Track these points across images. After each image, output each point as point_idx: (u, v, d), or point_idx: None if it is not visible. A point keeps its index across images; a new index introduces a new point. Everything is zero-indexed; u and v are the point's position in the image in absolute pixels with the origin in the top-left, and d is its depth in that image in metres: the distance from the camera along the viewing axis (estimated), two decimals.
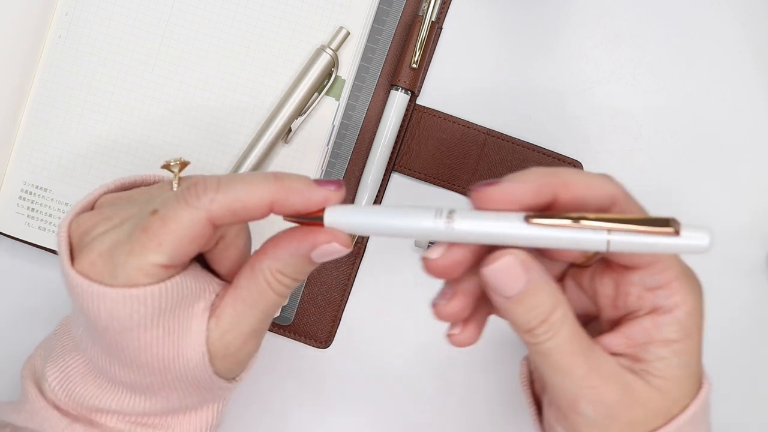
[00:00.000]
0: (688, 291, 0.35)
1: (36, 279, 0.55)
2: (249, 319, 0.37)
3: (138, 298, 0.34)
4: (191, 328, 0.36)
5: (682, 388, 0.35)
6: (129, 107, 0.52)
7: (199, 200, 0.34)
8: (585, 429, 0.35)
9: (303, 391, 0.54)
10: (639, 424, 0.35)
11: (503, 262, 0.32)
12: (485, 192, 0.33)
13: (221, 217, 0.34)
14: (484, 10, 0.55)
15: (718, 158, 0.54)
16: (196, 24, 0.52)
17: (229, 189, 0.34)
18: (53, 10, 0.53)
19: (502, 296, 0.33)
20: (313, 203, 0.34)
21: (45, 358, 0.41)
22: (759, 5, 0.54)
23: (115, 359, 0.37)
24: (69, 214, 0.37)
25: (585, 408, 0.34)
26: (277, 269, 0.36)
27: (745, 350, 0.54)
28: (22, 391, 0.41)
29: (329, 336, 0.54)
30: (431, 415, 0.54)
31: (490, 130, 0.54)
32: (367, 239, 0.54)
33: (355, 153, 0.54)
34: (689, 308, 0.35)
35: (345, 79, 0.52)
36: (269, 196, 0.34)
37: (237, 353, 0.37)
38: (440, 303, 0.36)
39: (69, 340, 0.40)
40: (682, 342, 0.35)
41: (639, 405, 0.34)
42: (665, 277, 0.35)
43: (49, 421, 0.39)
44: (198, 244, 0.35)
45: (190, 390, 0.38)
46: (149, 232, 0.34)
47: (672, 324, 0.35)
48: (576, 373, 0.34)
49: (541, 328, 0.33)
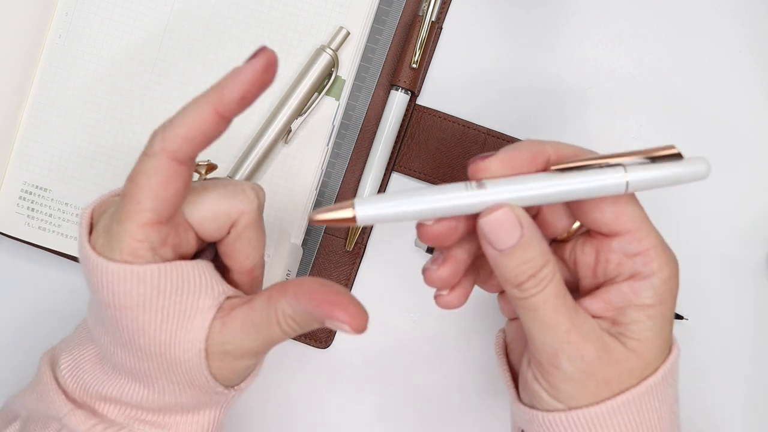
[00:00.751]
0: (664, 259, 0.37)
1: (36, 279, 0.55)
2: (251, 341, 0.37)
3: (136, 274, 0.35)
4: (193, 322, 0.36)
5: (653, 351, 0.37)
6: (129, 107, 0.52)
7: (152, 146, 0.35)
8: (562, 384, 0.36)
9: (303, 392, 0.54)
10: (613, 383, 0.36)
11: (501, 212, 0.34)
12: (483, 163, 0.35)
13: (179, 149, 0.35)
14: (484, 10, 0.55)
15: (718, 158, 0.54)
16: (196, 24, 0.52)
17: (174, 121, 0.35)
18: (53, 10, 0.53)
19: (496, 248, 0.35)
20: (248, 81, 0.35)
21: (63, 348, 0.42)
22: (759, 5, 0.55)
23: (116, 340, 0.37)
24: (98, 198, 0.39)
25: (564, 363, 0.36)
26: (289, 315, 0.37)
27: (745, 350, 0.54)
28: (37, 373, 0.42)
29: (329, 336, 0.54)
30: (431, 414, 0.54)
31: (490, 130, 0.54)
32: (368, 240, 0.54)
33: (355, 153, 0.54)
34: (665, 276, 0.36)
35: (345, 79, 0.52)
36: (209, 105, 0.35)
37: (233, 363, 0.38)
38: (431, 268, 0.38)
39: (86, 332, 0.41)
40: (656, 307, 0.36)
41: (614, 364, 0.36)
42: (643, 244, 0.36)
43: (54, 404, 0.40)
44: (174, 186, 0.35)
45: (185, 386, 0.38)
46: (127, 196, 0.35)
47: (648, 289, 0.36)
48: (559, 328, 0.35)
49: (530, 282, 0.35)
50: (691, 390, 0.53)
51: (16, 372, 0.54)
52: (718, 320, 0.54)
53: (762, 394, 0.54)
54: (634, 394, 0.36)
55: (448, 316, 0.54)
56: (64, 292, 0.55)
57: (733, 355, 0.54)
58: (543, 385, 0.37)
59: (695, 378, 0.53)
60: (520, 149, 0.35)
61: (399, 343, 0.54)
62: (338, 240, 0.54)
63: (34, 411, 0.41)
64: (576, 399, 0.36)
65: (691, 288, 0.54)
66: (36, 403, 0.41)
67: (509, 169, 0.35)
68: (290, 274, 0.52)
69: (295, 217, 0.52)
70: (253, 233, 0.39)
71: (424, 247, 0.53)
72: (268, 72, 0.35)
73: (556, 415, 0.37)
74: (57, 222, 0.52)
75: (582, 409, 0.36)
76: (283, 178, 0.52)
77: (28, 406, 0.41)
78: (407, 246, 0.54)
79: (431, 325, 0.54)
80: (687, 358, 0.54)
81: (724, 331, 0.54)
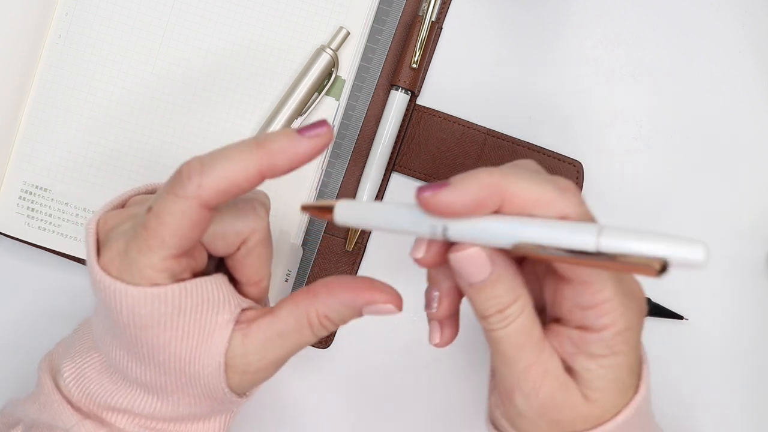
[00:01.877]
0: (621, 312, 0.34)
1: (36, 279, 0.55)
2: (278, 350, 0.38)
3: (159, 296, 0.35)
4: (213, 337, 0.37)
5: (610, 399, 0.35)
6: (129, 107, 0.52)
7: (185, 189, 0.34)
8: (515, 419, 0.36)
9: (303, 391, 0.54)
10: (565, 424, 0.36)
11: (472, 251, 0.33)
12: (425, 199, 0.33)
13: (213, 200, 0.35)
14: (484, 10, 0.55)
15: (718, 158, 0.54)
16: (196, 24, 0.52)
17: (213, 170, 0.34)
18: (53, 10, 0.53)
19: (466, 282, 0.34)
20: (301, 156, 0.35)
21: (63, 354, 0.41)
22: (759, 5, 0.54)
23: (133, 355, 0.37)
24: (98, 211, 0.38)
25: (519, 399, 0.35)
26: (324, 314, 0.37)
27: (745, 350, 0.54)
28: (38, 383, 0.42)
29: (329, 336, 0.54)
30: (431, 414, 0.54)
31: (490, 130, 0.54)
32: (368, 239, 0.54)
33: (355, 153, 0.54)
34: (618, 329, 0.34)
35: (345, 79, 0.52)
36: (256, 165, 0.35)
37: (255, 374, 0.38)
38: (433, 308, 0.38)
39: (88, 339, 0.41)
40: (608, 357, 0.35)
41: (569, 407, 0.35)
42: (597, 298, 0.34)
43: (60, 415, 0.39)
44: (199, 229, 0.35)
45: (201, 398, 0.38)
46: (149, 231, 0.35)
47: (597, 342, 0.34)
48: (518, 364, 0.35)
49: (496, 317, 0.34)
50: (691, 390, 0.53)
51: (16, 372, 0.54)
52: (718, 320, 0.54)
53: (762, 394, 0.54)
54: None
55: None
56: (64, 292, 0.55)
57: (733, 355, 0.54)
58: (502, 412, 0.37)
59: (695, 378, 0.53)
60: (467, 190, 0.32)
61: (399, 344, 0.54)
62: (338, 240, 0.54)
63: (37, 421, 0.40)
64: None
65: (691, 288, 0.54)
66: (39, 413, 0.40)
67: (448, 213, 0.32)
68: (290, 274, 0.52)
69: (295, 217, 0.52)
70: (262, 249, 0.39)
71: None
72: (320, 152, 0.36)
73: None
74: (57, 222, 0.52)
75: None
76: (283, 178, 0.52)
77: (30, 416, 0.41)
78: (407, 246, 0.54)
79: None
80: (687, 358, 0.54)
81: (724, 331, 0.54)
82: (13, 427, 0.41)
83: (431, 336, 0.39)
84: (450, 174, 0.53)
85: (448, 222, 0.33)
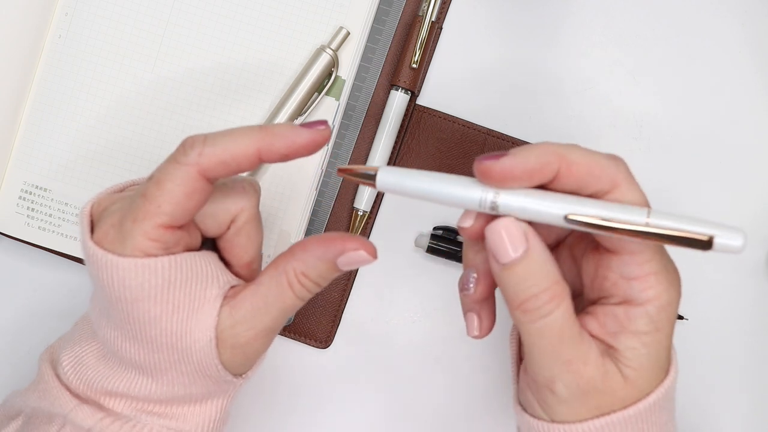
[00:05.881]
0: (664, 286, 0.35)
1: (36, 279, 0.55)
2: (264, 317, 0.38)
3: (149, 267, 0.36)
4: (202, 311, 0.37)
5: (647, 379, 0.36)
6: (129, 107, 0.52)
7: (187, 156, 0.36)
8: (554, 406, 0.36)
9: (303, 391, 0.54)
10: (604, 407, 0.36)
11: (506, 221, 0.33)
12: (485, 166, 0.33)
13: (212, 169, 0.36)
14: (484, 10, 0.55)
15: (718, 158, 0.54)
16: (196, 24, 0.52)
17: (216, 141, 0.36)
18: (53, 10, 0.53)
19: (498, 262, 0.34)
20: (298, 145, 0.37)
21: (62, 345, 0.42)
22: (759, 5, 0.55)
23: (126, 333, 0.37)
24: (95, 195, 0.39)
25: (559, 388, 0.35)
26: (301, 271, 0.37)
27: (745, 350, 0.54)
28: (38, 372, 0.42)
29: (329, 336, 0.54)
30: (431, 413, 0.54)
31: (490, 130, 0.54)
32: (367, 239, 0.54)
33: (355, 153, 0.54)
34: (661, 303, 0.35)
35: (345, 79, 0.52)
36: (255, 143, 0.36)
37: (245, 347, 0.38)
38: (470, 289, 0.37)
39: (87, 329, 0.41)
40: (652, 335, 0.35)
41: (609, 391, 0.35)
42: (643, 269, 0.35)
43: (59, 400, 0.40)
44: (196, 199, 0.36)
45: (195, 376, 0.38)
46: (147, 197, 0.36)
47: (642, 317, 0.35)
48: (559, 357, 0.34)
49: (532, 302, 0.34)
50: (691, 390, 0.53)
51: (16, 371, 0.54)
52: (718, 320, 0.54)
53: (762, 394, 0.54)
54: (620, 416, 0.35)
55: (447, 316, 0.54)
56: (64, 291, 0.55)
57: (733, 355, 0.54)
58: (538, 399, 0.37)
59: (695, 378, 0.53)
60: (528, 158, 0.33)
61: (399, 343, 0.54)
62: None
63: (37, 409, 0.41)
64: (561, 417, 0.36)
65: (691, 288, 0.54)
66: (38, 401, 0.41)
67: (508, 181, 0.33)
68: None
69: (295, 218, 0.52)
70: (252, 228, 0.40)
71: (424, 247, 0.53)
72: (317, 148, 0.37)
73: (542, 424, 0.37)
74: (57, 222, 0.52)
75: (566, 424, 0.36)
76: (283, 178, 0.52)
77: (31, 405, 0.41)
78: (407, 246, 0.54)
79: (431, 325, 0.54)
80: (687, 358, 0.54)
81: (724, 331, 0.54)
82: (14, 419, 0.42)
83: (469, 328, 0.38)
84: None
85: (498, 193, 0.33)
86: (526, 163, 0.33)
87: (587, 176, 0.34)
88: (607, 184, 0.34)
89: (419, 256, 0.54)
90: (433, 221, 0.54)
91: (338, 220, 0.54)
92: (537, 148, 0.33)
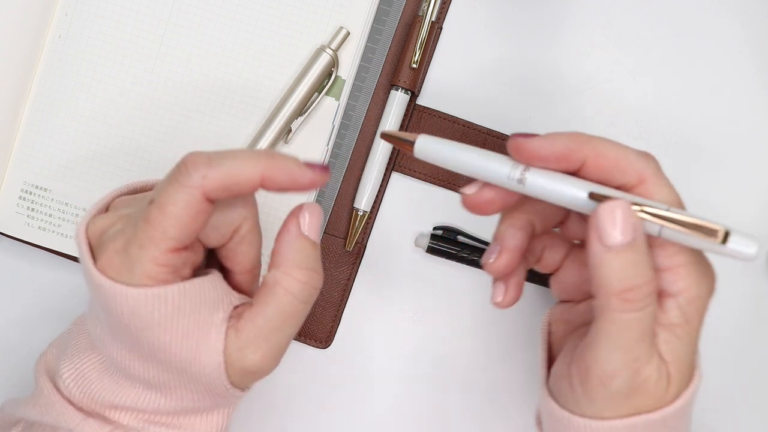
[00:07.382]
0: (695, 278, 0.35)
1: (36, 279, 0.55)
2: (269, 335, 0.38)
3: (159, 297, 0.35)
4: (210, 336, 0.37)
5: (680, 374, 0.36)
6: (129, 107, 0.52)
7: (190, 179, 0.35)
8: (600, 399, 0.35)
9: (303, 391, 0.54)
10: (642, 406, 0.35)
11: (623, 203, 0.33)
12: (518, 142, 0.35)
13: (215, 192, 0.36)
14: (484, 10, 0.55)
15: (718, 158, 0.54)
16: (196, 24, 0.52)
17: (221, 165, 0.35)
18: (53, 10, 0.53)
19: (604, 243, 0.33)
20: (299, 183, 0.37)
21: (58, 356, 0.41)
22: (759, 5, 0.55)
23: (135, 354, 0.37)
24: (85, 218, 0.38)
25: (618, 384, 0.34)
26: (284, 270, 0.37)
27: (745, 350, 0.54)
28: (36, 386, 0.42)
29: (329, 336, 0.54)
30: (431, 414, 0.54)
31: (490, 130, 0.54)
32: (367, 240, 0.54)
33: (355, 153, 0.54)
34: (692, 295, 0.35)
35: (345, 79, 0.52)
36: (260, 172, 0.36)
37: (253, 368, 0.38)
38: (490, 259, 0.38)
39: (84, 338, 0.41)
40: (683, 327, 0.35)
41: (652, 392, 0.35)
42: (674, 261, 0.35)
43: (63, 415, 0.40)
44: (201, 221, 0.36)
45: (204, 394, 0.39)
46: (151, 222, 0.35)
47: (674, 308, 0.35)
48: (632, 354, 0.34)
49: (633, 293, 0.33)
50: None
51: (15, 372, 0.54)
52: (718, 320, 0.54)
53: (762, 394, 0.54)
54: (644, 419, 0.35)
55: (447, 316, 0.54)
56: (64, 291, 0.55)
57: (732, 355, 0.54)
58: (577, 391, 0.36)
59: None
60: (556, 143, 0.35)
61: (399, 343, 0.54)
62: (338, 240, 0.54)
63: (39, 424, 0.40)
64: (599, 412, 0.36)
65: None
66: (41, 416, 0.40)
67: (536, 160, 0.35)
68: None
69: None
70: (254, 236, 0.40)
71: (424, 247, 0.53)
72: (313, 189, 0.39)
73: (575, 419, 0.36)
74: (57, 222, 0.52)
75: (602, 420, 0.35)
76: None
77: (32, 419, 0.41)
78: (407, 246, 0.54)
79: (431, 325, 0.54)
80: None
81: (723, 331, 0.54)
82: (14, 426, 0.41)
83: (494, 294, 0.39)
84: (450, 174, 0.53)
85: (528, 169, 0.35)
86: (553, 145, 0.34)
87: (614, 168, 0.34)
88: (634, 178, 0.34)
89: (419, 256, 0.54)
90: (433, 221, 0.54)
91: (338, 220, 0.54)
92: (566, 135, 0.35)
